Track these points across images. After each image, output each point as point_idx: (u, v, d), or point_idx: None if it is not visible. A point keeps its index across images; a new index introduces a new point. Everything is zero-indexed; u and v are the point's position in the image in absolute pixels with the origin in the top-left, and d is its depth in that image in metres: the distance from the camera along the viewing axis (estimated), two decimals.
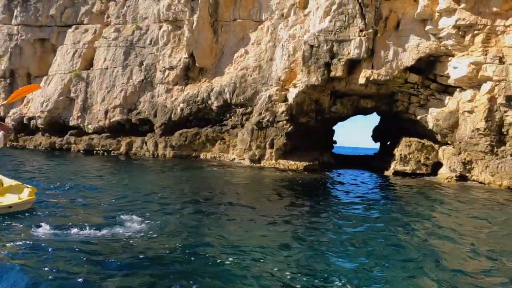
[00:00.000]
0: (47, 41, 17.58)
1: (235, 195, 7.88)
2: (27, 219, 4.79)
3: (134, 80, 16.13)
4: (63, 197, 6.11)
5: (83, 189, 7.00)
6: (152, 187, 8.04)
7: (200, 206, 6.19)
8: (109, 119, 16.11)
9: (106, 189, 7.28)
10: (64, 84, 16.51)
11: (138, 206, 5.82)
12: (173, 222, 4.96)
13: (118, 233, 4.28)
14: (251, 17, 16.13)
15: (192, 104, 15.74)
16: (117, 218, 4.84)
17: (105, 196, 6.54)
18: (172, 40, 16.20)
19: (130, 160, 14.46)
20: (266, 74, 15.48)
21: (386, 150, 16.22)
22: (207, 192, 7.84)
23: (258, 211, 6.10)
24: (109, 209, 5.56)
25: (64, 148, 16.29)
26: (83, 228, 4.36)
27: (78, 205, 5.75)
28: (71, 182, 7.51)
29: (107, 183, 8.34)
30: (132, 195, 6.74)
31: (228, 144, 15.10)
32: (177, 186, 8.57)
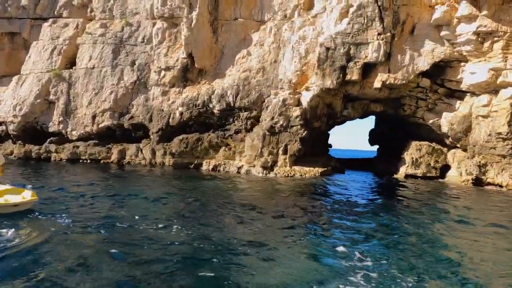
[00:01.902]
0: (17, 36, 15.59)
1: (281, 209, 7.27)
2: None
3: (126, 81, 14.81)
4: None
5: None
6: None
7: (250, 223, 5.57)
8: (98, 124, 14.61)
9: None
10: (42, 84, 14.71)
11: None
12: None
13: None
14: (253, 17, 15.58)
15: (192, 107, 14.79)
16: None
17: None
18: (168, 38, 15.14)
19: (125, 169, 13.12)
20: (270, 77, 15.00)
21: (389, 153, 16.43)
22: (252, 210, 7.16)
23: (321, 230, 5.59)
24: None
25: (42, 157, 14.46)
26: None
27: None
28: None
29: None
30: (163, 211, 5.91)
31: (234, 150, 14.36)
32: (213, 199, 7.73)
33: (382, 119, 18.02)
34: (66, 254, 3.83)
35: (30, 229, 4.80)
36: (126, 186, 9.38)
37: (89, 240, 4.43)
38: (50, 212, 5.59)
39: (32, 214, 5.44)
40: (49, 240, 4.29)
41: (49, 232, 4.57)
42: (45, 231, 4.66)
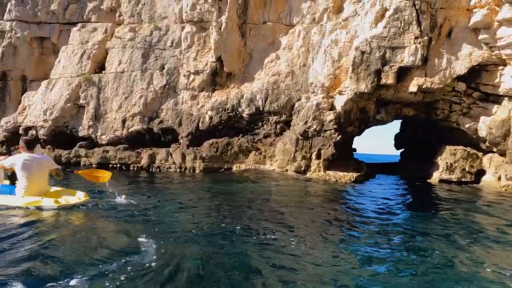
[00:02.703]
0: (46, 40, 15.67)
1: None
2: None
3: (155, 85, 14.82)
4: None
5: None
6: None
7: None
8: (127, 128, 14.62)
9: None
10: (72, 89, 14.76)
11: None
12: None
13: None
14: (281, 21, 15.58)
15: (222, 111, 14.78)
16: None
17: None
18: (197, 42, 15.15)
19: (155, 174, 13.12)
20: (300, 81, 14.97)
21: (417, 157, 16.30)
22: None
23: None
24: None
25: (72, 162, 14.46)
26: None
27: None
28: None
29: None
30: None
31: (265, 154, 14.30)
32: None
33: (408, 123, 17.89)
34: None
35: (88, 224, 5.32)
36: (162, 189, 9.38)
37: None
38: (99, 210, 6.15)
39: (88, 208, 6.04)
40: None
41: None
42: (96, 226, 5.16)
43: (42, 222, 5.21)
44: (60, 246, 4.08)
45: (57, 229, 4.90)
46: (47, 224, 5.12)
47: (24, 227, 4.83)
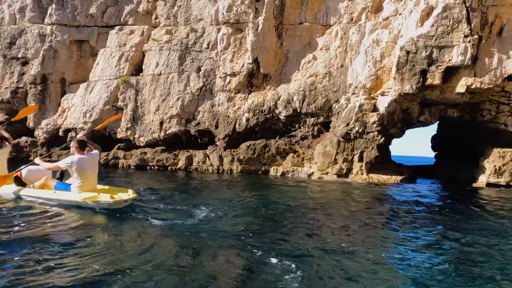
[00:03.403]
0: (85, 43, 15.88)
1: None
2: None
3: (192, 87, 14.83)
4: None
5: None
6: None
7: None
8: (165, 130, 14.67)
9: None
10: (110, 91, 14.93)
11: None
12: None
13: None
14: (318, 21, 15.38)
15: (259, 113, 14.65)
16: None
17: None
18: (233, 44, 15.08)
19: (194, 176, 13.07)
20: (337, 82, 14.71)
21: (457, 160, 15.78)
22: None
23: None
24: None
25: (110, 163, 14.56)
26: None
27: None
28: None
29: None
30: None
31: (303, 157, 14.07)
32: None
33: (446, 124, 17.35)
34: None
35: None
36: (203, 191, 9.33)
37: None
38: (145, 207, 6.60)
39: (134, 208, 6.38)
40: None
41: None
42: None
43: (96, 219, 5.63)
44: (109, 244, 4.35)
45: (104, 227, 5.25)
46: (101, 220, 5.61)
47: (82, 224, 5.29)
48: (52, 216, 5.73)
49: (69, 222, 5.42)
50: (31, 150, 15.93)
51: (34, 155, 15.89)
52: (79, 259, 3.75)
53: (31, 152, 15.90)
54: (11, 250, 3.88)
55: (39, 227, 5.00)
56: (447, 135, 17.62)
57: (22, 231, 4.70)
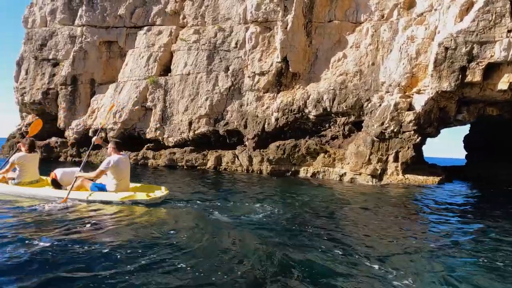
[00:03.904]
0: (114, 44, 15.99)
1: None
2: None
3: (221, 87, 14.72)
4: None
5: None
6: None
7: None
8: (194, 130, 14.61)
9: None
10: (140, 91, 14.97)
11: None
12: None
13: None
14: (348, 18, 15.06)
15: (288, 113, 14.43)
16: None
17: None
18: (261, 43, 14.91)
19: (224, 176, 12.94)
20: (368, 80, 14.36)
21: (493, 161, 15.19)
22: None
23: None
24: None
25: (139, 163, 14.58)
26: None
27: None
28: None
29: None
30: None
31: (334, 157, 13.76)
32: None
33: (479, 124, 16.74)
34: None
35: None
36: (237, 190, 9.19)
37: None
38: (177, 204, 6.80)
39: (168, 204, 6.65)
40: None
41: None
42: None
43: (134, 216, 5.80)
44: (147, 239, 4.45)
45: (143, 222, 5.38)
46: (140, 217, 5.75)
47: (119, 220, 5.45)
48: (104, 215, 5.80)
49: (118, 219, 5.52)
50: (61, 150, 16.13)
51: (64, 155, 16.11)
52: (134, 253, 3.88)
53: (61, 152, 16.11)
54: (69, 248, 3.94)
55: (95, 225, 5.06)
56: (482, 134, 17.01)
57: (72, 231, 4.75)
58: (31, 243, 4.04)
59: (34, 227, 4.83)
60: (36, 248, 3.89)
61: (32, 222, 5.14)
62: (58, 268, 3.38)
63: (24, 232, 4.49)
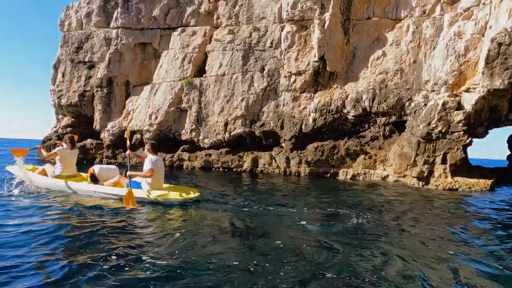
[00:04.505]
0: (148, 46, 15.99)
1: None
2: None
3: (256, 87, 14.49)
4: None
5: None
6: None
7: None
8: (230, 132, 14.42)
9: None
10: (175, 93, 14.91)
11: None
12: None
13: None
14: (387, 15, 14.56)
15: (326, 113, 14.06)
16: None
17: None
18: (297, 42, 14.59)
19: (260, 178, 12.66)
20: (410, 78, 13.83)
21: None
22: None
23: None
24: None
25: (175, 165, 14.49)
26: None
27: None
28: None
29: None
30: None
31: (375, 159, 13.29)
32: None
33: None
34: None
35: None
36: (278, 193, 8.85)
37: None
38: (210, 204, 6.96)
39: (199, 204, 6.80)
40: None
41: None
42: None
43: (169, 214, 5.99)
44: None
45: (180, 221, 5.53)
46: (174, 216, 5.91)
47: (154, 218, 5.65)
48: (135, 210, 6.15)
49: (152, 216, 5.80)
50: (96, 152, 16.25)
51: (100, 157, 16.22)
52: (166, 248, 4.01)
53: (97, 154, 16.23)
54: (101, 242, 4.15)
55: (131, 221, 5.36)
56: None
57: (109, 224, 5.03)
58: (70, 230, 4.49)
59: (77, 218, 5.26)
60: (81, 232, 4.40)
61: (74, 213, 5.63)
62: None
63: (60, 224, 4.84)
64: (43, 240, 4.08)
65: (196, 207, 6.51)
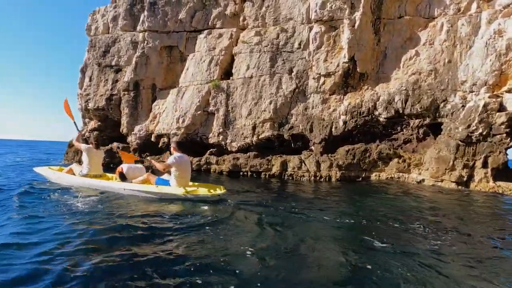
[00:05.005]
0: (174, 49, 15.92)
1: None
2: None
3: (285, 89, 14.23)
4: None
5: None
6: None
7: None
8: (258, 135, 14.20)
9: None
10: (202, 96, 14.78)
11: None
12: None
13: None
14: (419, 13, 14.11)
15: (357, 116, 13.69)
16: None
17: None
18: (326, 42, 14.26)
19: (289, 183, 12.38)
20: (445, 79, 13.34)
21: None
22: None
23: None
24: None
25: (202, 169, 14.33)
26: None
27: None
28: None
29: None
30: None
31: (409, 162, 12.86)
32: None
33: None
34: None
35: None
36: (306, 198, 8.52)
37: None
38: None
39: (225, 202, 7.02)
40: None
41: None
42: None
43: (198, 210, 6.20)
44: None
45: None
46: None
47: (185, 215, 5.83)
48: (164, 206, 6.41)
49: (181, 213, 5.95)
50: None
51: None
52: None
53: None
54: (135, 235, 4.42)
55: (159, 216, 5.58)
56: None
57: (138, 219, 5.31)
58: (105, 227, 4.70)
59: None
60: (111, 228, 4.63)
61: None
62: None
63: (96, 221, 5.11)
64: (81, 234, 4.43)
65: (226, 205, 6.73)
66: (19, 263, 3.38)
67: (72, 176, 8.33)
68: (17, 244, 3.89)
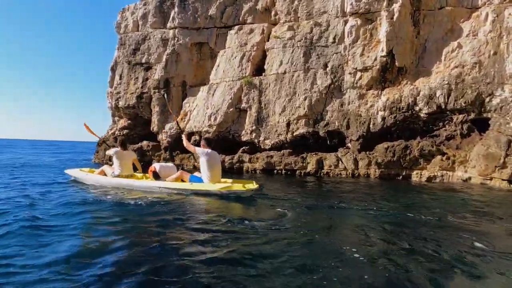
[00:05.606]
0: (204, 45, 15.72)
1: None
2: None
3: (319, 85, 13.82)
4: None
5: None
6: None
7: None
8: (292, 132, 13.85)
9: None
10: (234, 93, 14.54)
11: None
12: None
13: None
14: (462, 3, 13.50)
15: (396, 111, 13.18)
16: None
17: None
18: (362, 36, 13.79)
19: (327, 181, 11.98)
20: (490, 72, 12.70)
21: None
22: None
23: None
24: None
25: (235, 167, 14.10)
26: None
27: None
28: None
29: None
30: None
31: (453, 159, 12.28)
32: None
33: None
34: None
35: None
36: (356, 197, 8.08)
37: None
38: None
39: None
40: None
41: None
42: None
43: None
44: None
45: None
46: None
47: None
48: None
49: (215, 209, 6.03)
50: (153, 154, 16.21)
51: (157, 159, 16.16)
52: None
53: (154, 156, 16.18)
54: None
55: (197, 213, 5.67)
56: None
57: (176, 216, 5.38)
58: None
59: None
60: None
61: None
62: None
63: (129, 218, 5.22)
64: (120, 229, 4.63)
65: (260, 201, 6.80)
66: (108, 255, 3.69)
67: (107, 178, 8.58)
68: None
